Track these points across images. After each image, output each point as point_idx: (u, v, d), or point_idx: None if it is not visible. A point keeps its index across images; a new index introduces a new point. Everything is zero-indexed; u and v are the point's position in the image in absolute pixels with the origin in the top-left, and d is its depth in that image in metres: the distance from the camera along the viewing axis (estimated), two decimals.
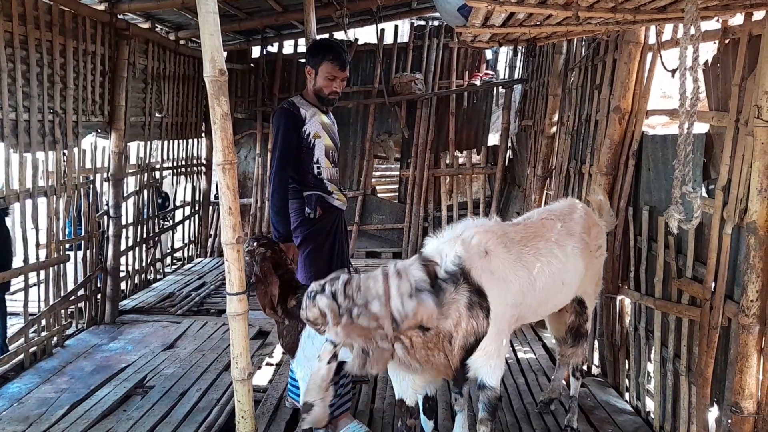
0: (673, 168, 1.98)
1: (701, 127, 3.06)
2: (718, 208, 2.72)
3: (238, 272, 2.60)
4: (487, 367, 2.52)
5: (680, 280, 3.06)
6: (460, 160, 8.09)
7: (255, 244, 2.94)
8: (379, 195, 8.83)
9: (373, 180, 8.80)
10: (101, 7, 5.31)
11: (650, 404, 3.55)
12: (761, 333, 2.42)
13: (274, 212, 3.12)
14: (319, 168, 3.30)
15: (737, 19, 2.77)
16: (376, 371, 2.32)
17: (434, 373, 2.49)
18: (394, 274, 2.37)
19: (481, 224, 2.66)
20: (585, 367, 3.37)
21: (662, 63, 3.26)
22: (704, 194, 2.99)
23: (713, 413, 2.83)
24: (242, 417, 2.71)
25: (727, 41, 2.85)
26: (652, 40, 3.53)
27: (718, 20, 2.85)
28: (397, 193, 8.71)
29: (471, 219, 2.74)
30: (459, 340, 2.41)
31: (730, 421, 2.51)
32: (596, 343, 4.11)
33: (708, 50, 3.34)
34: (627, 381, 3.81)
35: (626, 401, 3.75)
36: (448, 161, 8.03)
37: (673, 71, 2.97)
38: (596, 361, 4.22)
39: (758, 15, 2.59)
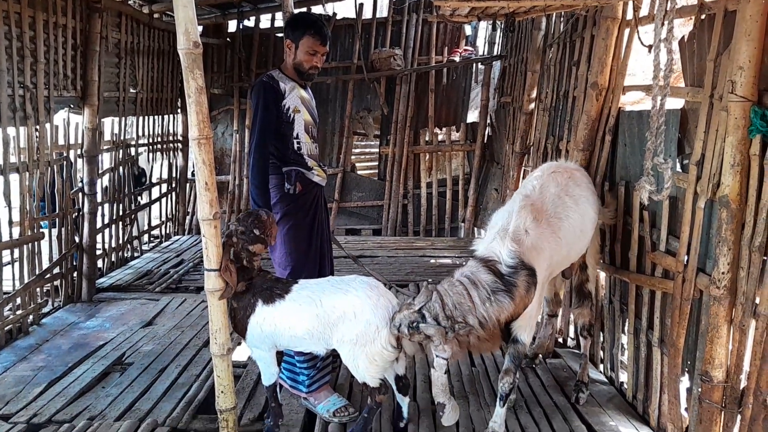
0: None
1: (677, 103, 3.09)
2: (691, 183, 2.75)
3: (215, 248, 2.58)
4: (526, 327, 2.84)
5: (654, 254, 3.11)
6: (440, 137, 8.08)
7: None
8: (359, 172, 8.81)
9: (353, 157, 8.76)
10: None
11: (624, 375, 3.63)
12: (731, 304, 2.47)
13: (254, 186, 3.08)
14: (299, 143, 3.26)
15: None
16: (455, 359, 2.84)
17: (484, 348, 2.80)
18: (469, 283, 2.64)
19: (511, 210, 2.88)
20: (589, 325, 3.58)
21: (639, 38, 3.26)
22: (679, 169, 3.03)
23: (684, 383, 2.90)
24: (222, 392, 2.71)
25: (702, 17, 2.86)
26: (629, 15, 3.53)
27: None
28: (376, 171, 8.69)
29: (500, 211, 3.02)
30: (512, 316, 2.71)
31: (700, 389, 2.58)
32: (571, 315, 4.17)
33: (680, 25, 3.36)
34: (601, 353, 3.89)
35: (600, 372, 3.83)
36: (427, 138, 8.03)
37: (650, 47, 2.98)
38: (571, 333, 4.30)
39: None
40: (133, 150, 6.64)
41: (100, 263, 5.91)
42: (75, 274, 5.31)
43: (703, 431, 2.57)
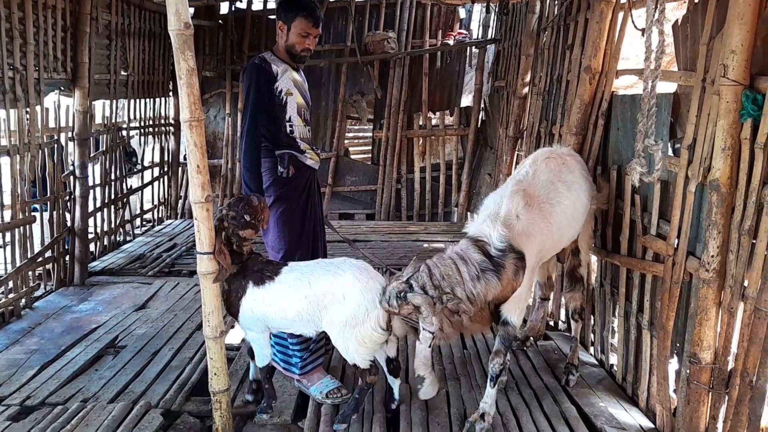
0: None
1: (669, 87, 3.10)
2: (683, 167, 2.76)
3: (208, 231, 2.59)
4: (516, 309, 2.86)
5: (645, 237, 3.13)
6: (434, 122, 8.06)
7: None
8: (353, 156, 8.82)
9: (346, 141, 8.75)
10: None
11: (614, 357, 3.66)
12: (720, 287, 2.49)
13: (247, 170, 3.07)
14: (291, 126, 3.26)
15: None
16: (450, 341, 2.87)
17: (474, 329, 2.89)
18: (458, 259, 2.67)
19: (503, 194, 2.91)
20: (580, 308, 3.60)
21: (632, 22, 3.26)
22: (670, 153, 3.04)
23: (673, 365, 2.93)
24: (215, 374, 2.73)
25: (696, 0, 2.85)
26: None
27: None
28: (370, 155, 8.67)
29: (492, 194, 3.07)
30: (499, 297, 2.76)
31: (688, 371, 2.61)
32: (563, 299, 4.20)
33: (674, 8, 3.35)
34: (592, 336, 3.92)
35: (591, 355, 3.86)
36: (421, 122, 8.00)
37: (643, 30, 2.99)
38: (563, 316, 4.35)
39: None
40: (124, 132, 6.61)
41: (92, 247, 5.89)
42: (67, 258, 5.30)
43: (691, 412, 2.61)
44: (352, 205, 8.26)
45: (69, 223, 5.31)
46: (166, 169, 7.86)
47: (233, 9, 8.06)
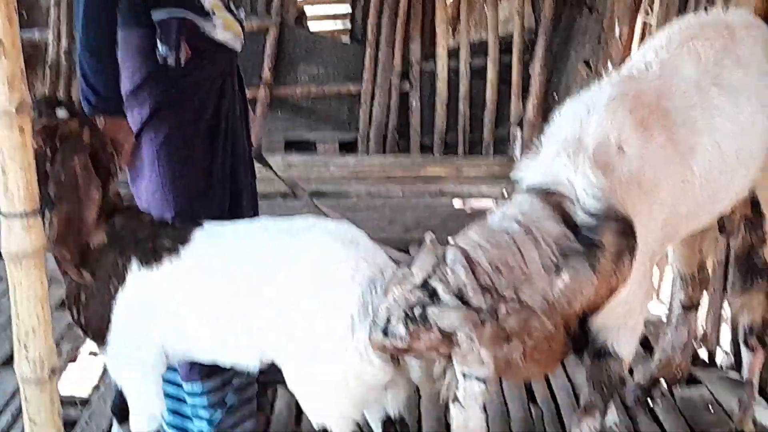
0: None
1: None
2: None
3: (21, 171, 2.56)
4: (620, 327, 2.91)
5: None
6: None
7: (56, 112, 2.86)
8: (312, 25, 8.94)
9: None
10: None
11: None
12: None
13: (88, 52, 3.05)
14: None
15: None
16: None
17: (535, 371, 2.95)
18: (521, 234, 2.63)
19: (593, 101, 2.89)
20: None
21: None
22: None
23: None
24: None
25: None
26: None
27: None
28: (348, 25, 8.79)
29: (574, 100, 3.01)
30: (591, 302, 2.75)
31: None
32: (726, 307, 4.28)
33: None
34: None
35: None
36: None
37: None
38: (726, 341, 4.43)
39: None
40: None
41: None
42: None
43: None
44: (309, 123, 8.42)
45: None
46: None
47: None
